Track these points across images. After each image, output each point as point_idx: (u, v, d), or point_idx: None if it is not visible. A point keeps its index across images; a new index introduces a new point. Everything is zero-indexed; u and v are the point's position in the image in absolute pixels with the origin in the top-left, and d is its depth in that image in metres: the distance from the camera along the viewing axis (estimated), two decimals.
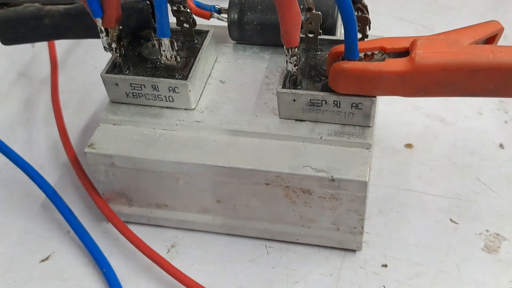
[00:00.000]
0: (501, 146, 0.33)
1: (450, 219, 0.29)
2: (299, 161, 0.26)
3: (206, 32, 0.30)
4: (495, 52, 0.24)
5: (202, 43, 0.29)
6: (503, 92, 0.25)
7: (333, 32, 0.30)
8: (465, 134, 0.33)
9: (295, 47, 0.25)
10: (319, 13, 0.27)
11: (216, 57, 0.31)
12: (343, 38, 0.28)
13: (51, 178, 0.32)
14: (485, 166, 0.32)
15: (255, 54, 0.31)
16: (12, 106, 0.38)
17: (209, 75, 0.30)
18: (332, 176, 0.25)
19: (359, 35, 0.27)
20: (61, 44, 0.41)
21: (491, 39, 0.27)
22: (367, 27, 0.27)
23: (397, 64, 0.24)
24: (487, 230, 0.29)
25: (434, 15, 0.42)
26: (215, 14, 0.32)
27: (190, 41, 0.30)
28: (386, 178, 0.31)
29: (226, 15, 0.32)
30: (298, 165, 0.26)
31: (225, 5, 0.33)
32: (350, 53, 0.24)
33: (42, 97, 0.38)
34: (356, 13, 0.26)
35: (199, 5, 0.32)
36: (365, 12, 0.27)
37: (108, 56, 0.40)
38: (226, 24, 0.32)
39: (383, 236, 0.29)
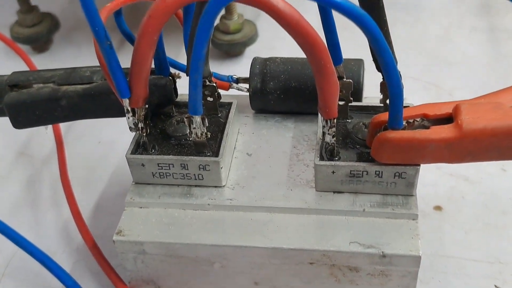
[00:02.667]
0: None
1: (495, 286, 0.28)
2: (345, 237, 0.24)
3: (229, 104, 0.29)
4: None
5: (227, 116, 0.28)
6: None
7: (359, 98, 0.29)
8: (493, 192, 0.33)
9: (335, 118, 0.24)
10: (350, 81, 0.27)
11: (239, 129, 0.30)
12: (371, 104, 0.28)
13: (65, 265, 0.30)
14: None
15: (278, 123, 0.30)
16: (14, 187, 0.36)
17: (234, 148, 0.29)
18: (383, 252, 0.24)
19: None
20: None
21: None
22: None
23: (444, 131, 0.23)
24: None
25: (437, 70, 0.42)
26: (234, 85, 0.31)
27: (213, 114, 0.28)
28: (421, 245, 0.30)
29: (245, 85, 0.31)
30: (344, 241, 0.24)
31: (236, 72, 0.32)
32: (395, 123, 0.23)
33: (45, 176, 0.36)
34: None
35: (216, 76, 0.31)
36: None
37: (111, 129, 0.38)
38: (243, 93, 0.31)
39: None
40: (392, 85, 0.22)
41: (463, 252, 0.30)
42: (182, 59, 0.29)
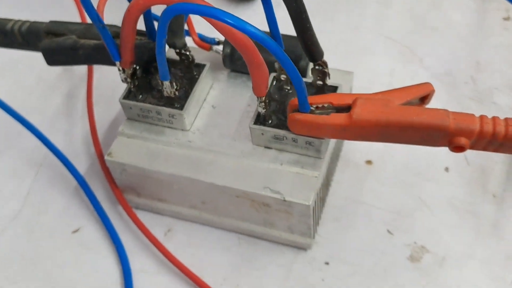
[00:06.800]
0: (446, 169, 0.39)
1: (387, 230, 0.37)
2: (262, 183, 0.33)
3: (204, 66, 0.37)
4: (419, 114, 0.30)
5: (199, 76, 0.36)
6: (427, 143, 0.31)
7: (304, 74, 0.36)
8: (417, 156, 0.40)
9: (262, 97, 0.32)
10: None
11: (212, 84, 0.38)
12: (310, 81, 0.36)
13: (82, 166, 0.41)
14: (427, 187, 0.38)
15: (243, 83, 0.38)
16: (56, 98, 0.47)
17: (205, 100, 0.37)
18: (284, 198, 0.33)
19: (321, 84, 0.34)
20: None
21: (425, 98, 0.33)
22: (327, 78, 0.34)
23: (339, 119, 0.31)
24: (415, 242, 0.36)
25: (419, 36, 0.47)
26: (214, 47, 0.39)
27: (190, 73, 0.37)
28: (344, 190, 0.39)
29: (221, 48, 0.39)
30: (260, 186, 0.33)
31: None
32: (303, 108, 0.31)
33: (80, 92, 0.47)
34: (317, 68, 0.34)
35: (201, 37, 0.39)
36: (325, 67, 0.33)
37: None
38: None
39: (331, 240, 0.37)
40: (294, 82, 0.30)
41: (374, 201, 0.38)
42: None
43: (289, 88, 0.35)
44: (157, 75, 0.36)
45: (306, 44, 0.32)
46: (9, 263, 0.38)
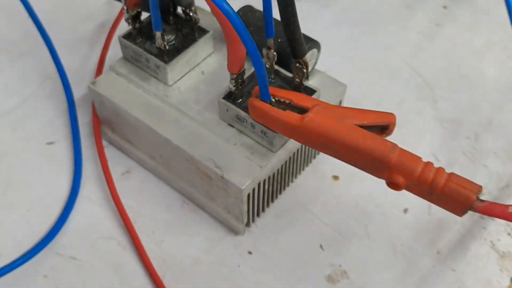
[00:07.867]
0: (405, 211, 0.38)
1: (320, 245, 0.36)
2: (209, 154, 0.34)
3: (206, 32, 0.38)
4: (365, 139, 0.30)
5: (198, 40, 0.38)
6: (368, 171, 0.31)
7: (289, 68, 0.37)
8: (384, 188, 0.39)
9: (234, 74, 0.33)
10: (275, 53, 0.35)
11: (212, 52, 0.39)
12: (289, 75, 0.36)
13: (79, 92, 0.44)
14: (378, 220, 0.38)
15: None
16: (89, 25, 0.49)
17: (198, 65, 0.39)
18: (222, 174, 0.34)
19: (298, 82, 0.35)
20: None
21: (387, 128, 0.32)
22: (304, 78, 0.34)
23: (291, 117, 0.31)
24: (340, 265, 0.36)
25: (445, 78, 0.46)
26: None
27: (192, 34, 0.38)
28: (299, 194, 0.39)
29: None
30: (207, 156, 0.34)
31: None
32: (262, 96, 0.32)
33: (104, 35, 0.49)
34: (297, 65, 0.34)
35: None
36: (304, 67, 0.34)
37: None
38: None
39: (265, 233, 0.37)
40: (257, 71, 0.30)
41: (322, 213, 0.38)
42: None
43: (272, 77, 0.36)
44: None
45: (289, 39, 0.32)
46: None
